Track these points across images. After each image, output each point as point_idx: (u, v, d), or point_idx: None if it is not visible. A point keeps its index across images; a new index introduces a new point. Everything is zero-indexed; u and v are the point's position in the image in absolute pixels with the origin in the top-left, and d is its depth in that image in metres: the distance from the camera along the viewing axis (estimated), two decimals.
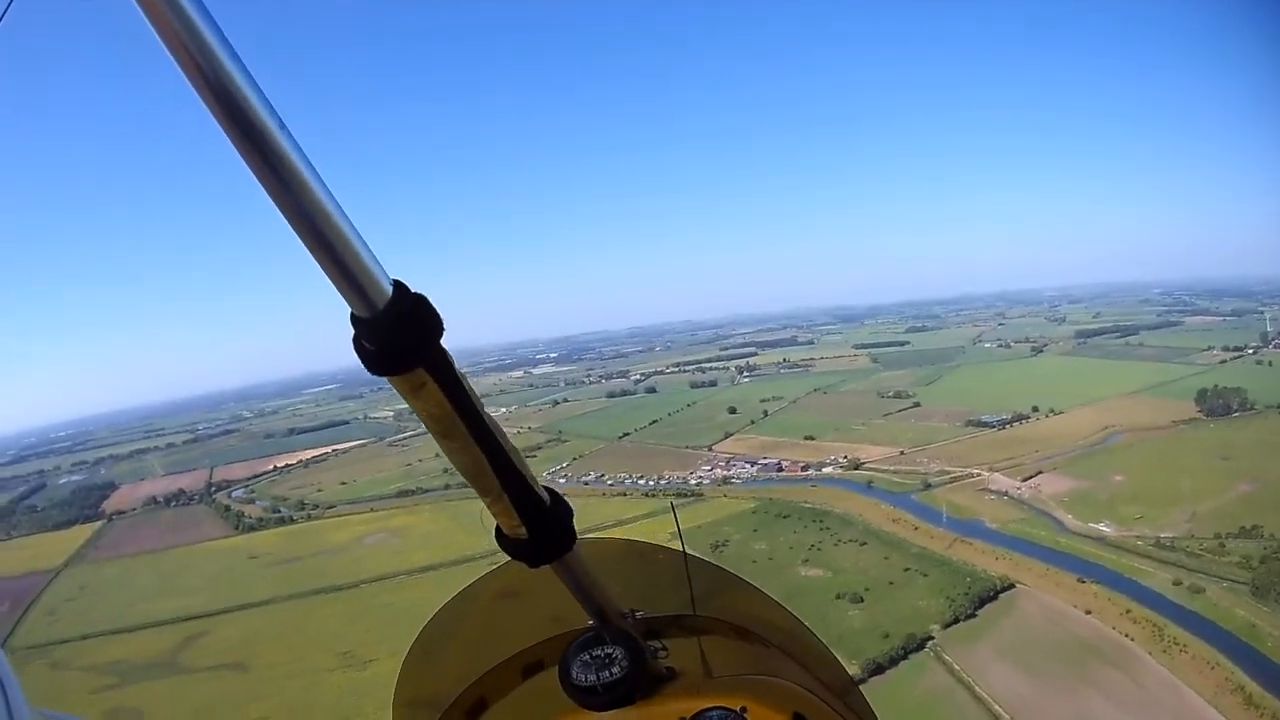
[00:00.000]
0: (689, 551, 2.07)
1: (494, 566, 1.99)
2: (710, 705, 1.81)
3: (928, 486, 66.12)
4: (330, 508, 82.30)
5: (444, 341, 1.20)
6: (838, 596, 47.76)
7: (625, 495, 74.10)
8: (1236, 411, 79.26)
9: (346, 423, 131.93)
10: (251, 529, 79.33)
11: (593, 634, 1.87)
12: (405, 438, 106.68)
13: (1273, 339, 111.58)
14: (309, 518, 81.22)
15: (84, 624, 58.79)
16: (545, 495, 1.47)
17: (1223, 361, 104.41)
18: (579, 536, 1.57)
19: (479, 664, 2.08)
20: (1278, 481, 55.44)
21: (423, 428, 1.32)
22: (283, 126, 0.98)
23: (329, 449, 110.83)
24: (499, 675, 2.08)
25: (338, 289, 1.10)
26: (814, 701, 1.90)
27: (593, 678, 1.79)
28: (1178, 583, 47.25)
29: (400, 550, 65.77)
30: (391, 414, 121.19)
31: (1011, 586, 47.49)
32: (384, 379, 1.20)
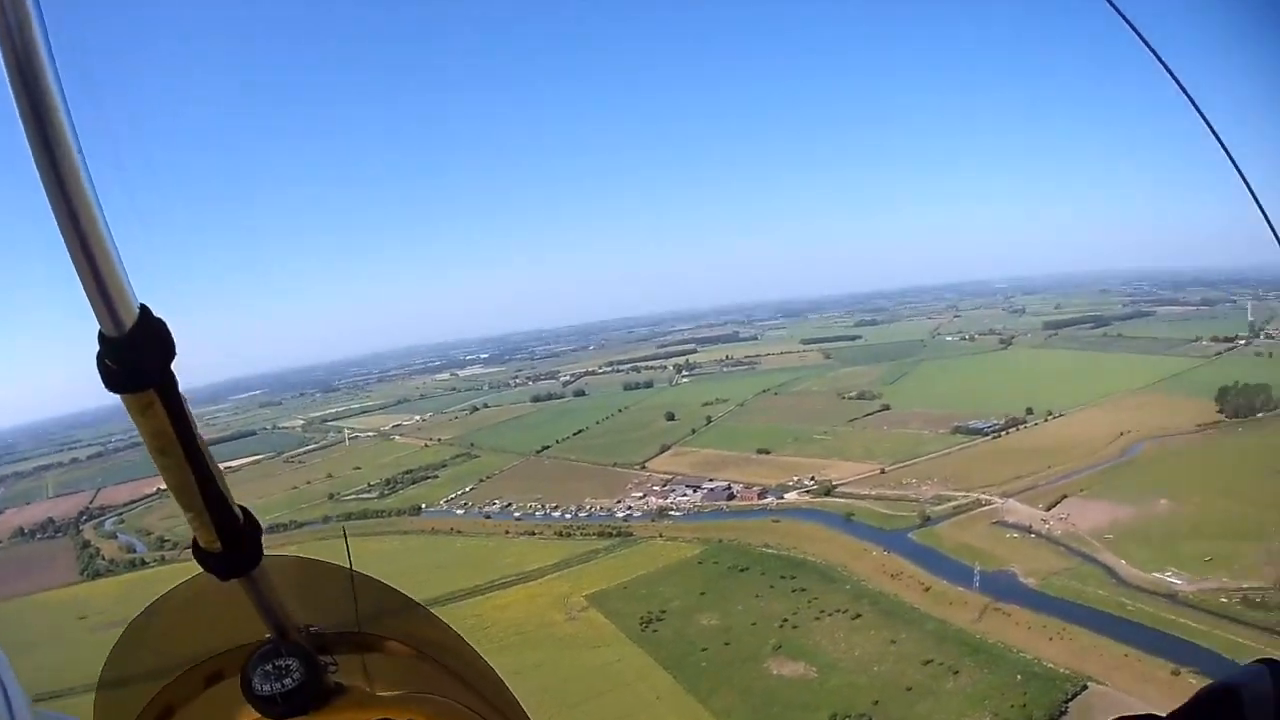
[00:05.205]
0: (357, 570, 2.18)
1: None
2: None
3: (926, 520, 50.87)
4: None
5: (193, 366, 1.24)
6: (833, 718, 31.49)
7: (534, 534, 59.16)
8: (1261, 412, 69.10)
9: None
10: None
11: (271, 646, 1.94)
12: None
13: (1261, 328, 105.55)
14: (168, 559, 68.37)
15: None
16: (240, 513, 1.58)
17: (1218, 354, 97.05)
18: (265, 554, 1.66)
19: (166, 674, 2.12)
20: None
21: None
22: (68, 122, 0.93)
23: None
24: (183, 684, 2.14)
25: (91, 305, 1.08)
26: (473, 718, 2.08)
27: (269, 688, 1.88)
28: None
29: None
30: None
31: (1084, 688, 32.07)
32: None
